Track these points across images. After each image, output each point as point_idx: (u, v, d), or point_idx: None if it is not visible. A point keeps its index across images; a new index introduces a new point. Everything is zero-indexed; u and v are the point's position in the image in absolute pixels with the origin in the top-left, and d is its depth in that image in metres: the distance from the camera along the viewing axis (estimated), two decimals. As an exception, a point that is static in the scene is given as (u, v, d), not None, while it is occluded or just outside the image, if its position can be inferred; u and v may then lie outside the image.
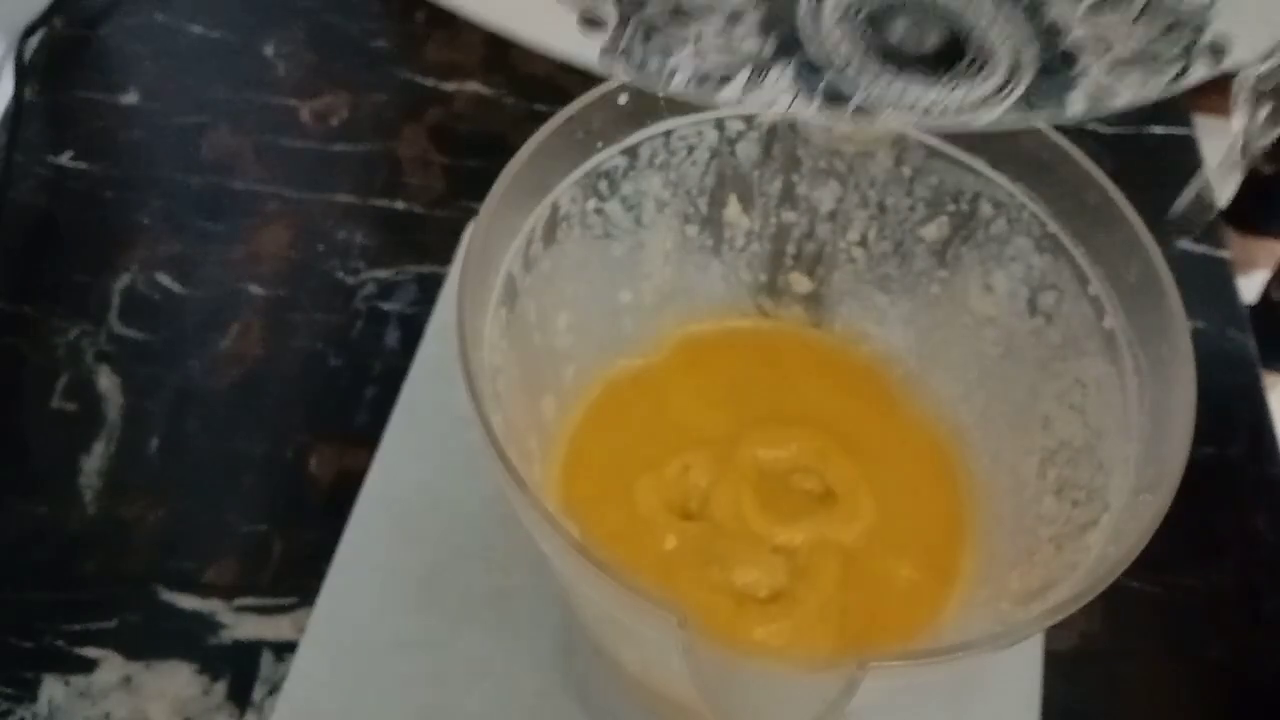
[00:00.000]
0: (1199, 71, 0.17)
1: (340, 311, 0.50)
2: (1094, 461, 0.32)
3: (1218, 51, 0.17)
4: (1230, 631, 0.44)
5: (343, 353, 0.49)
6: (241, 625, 0.41)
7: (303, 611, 0.41)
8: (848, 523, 0.35)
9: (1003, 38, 0.17)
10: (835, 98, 0.16)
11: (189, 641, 0.41)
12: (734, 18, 0.16)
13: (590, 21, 0.16)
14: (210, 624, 0.41)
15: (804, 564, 0.34)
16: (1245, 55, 0.18)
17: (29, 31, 0.58)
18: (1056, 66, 0.17)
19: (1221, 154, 0.24)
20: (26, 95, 0.57)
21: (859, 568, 0.34)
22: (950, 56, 0.17)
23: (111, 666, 0.40)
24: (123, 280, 0.51)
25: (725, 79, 0.16)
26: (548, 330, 0.36)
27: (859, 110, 0.16)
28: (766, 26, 0.16)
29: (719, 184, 0.37)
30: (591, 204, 0.35)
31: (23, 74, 0.57)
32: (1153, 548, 0.27)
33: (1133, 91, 0.17)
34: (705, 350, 0.39)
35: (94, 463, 0.45)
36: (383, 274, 0.52)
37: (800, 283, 0.40)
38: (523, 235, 0.33)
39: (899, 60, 0.16)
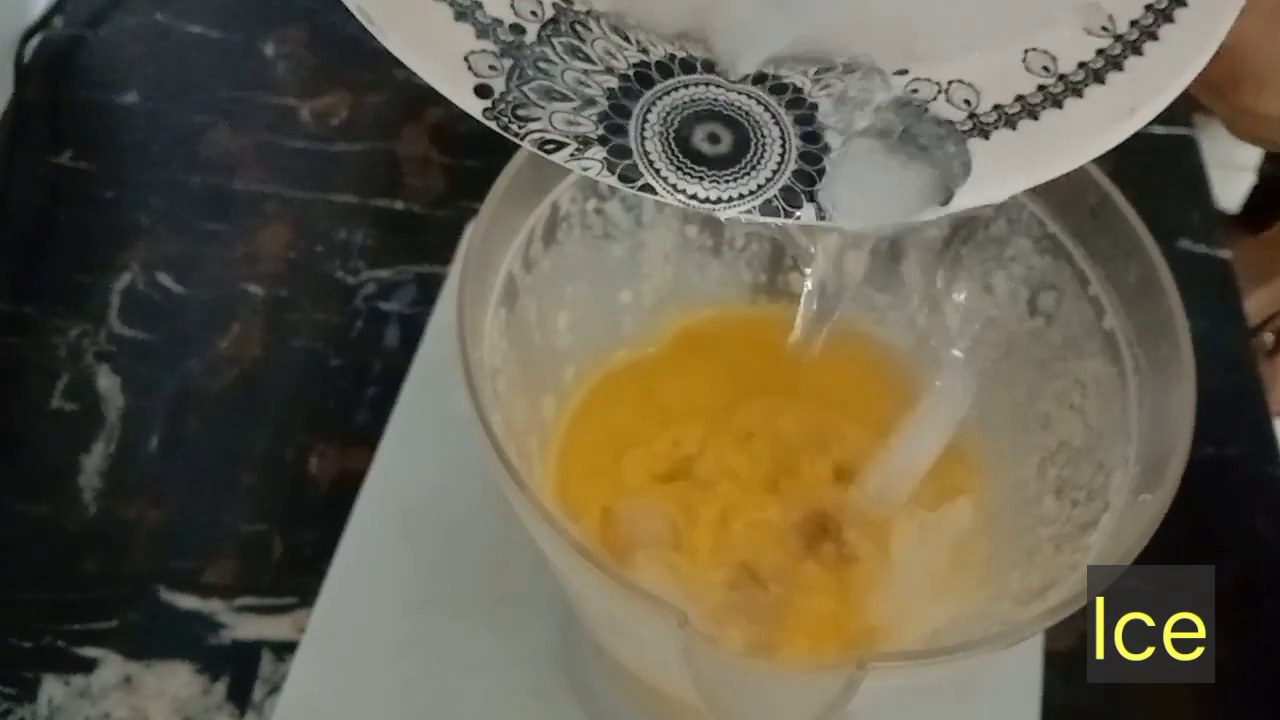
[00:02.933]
0: (926, 214, 0.22)
1: (340, 311, 0.50)
2: (1094, 461, 0.32)
3: (945, 201, 0.22)
4: (1230, 631, 0.44)
5: (343, 353, 0.49)
6: (241, 625, 0.41)
7: (303, 611, 0.41)
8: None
9: (775, 144, 0.22)
10: (627, 178, 0.22)
11: (189, 641, 0.41)
12: (583, 107, 0.22)
13: (481, 89, 0.22)
14: (210, 624, 0.41)
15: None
16: (964, 207, 0.23)
17: (29, 34, 0.58)
18: (810, 176, 0.22)
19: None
20: (26, 95, 0.57)
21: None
22: (735, 158, 0.22)
23: (111, 666, 0.40)
24: (123, 280, 0.51)
25: (559, 146, 0.22)
26: (548, 330, 0.36)
27: (643, 188, 0.22)
28: (601, 119, 0.22)
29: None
30: (591, 204, 0.35)
31: (23, 74, 0.57)
32: (1153, 548, 0.27)
33: (861, 216, 0.22)
34: (702, 337, 0.39)
35: (94, 463, 0.45)
36: (383, 274, 0.52)
37: (800, 283, 0.40)
38: (523, 235, 0.33)
39: (693, 157, 0.22)
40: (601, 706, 0.39)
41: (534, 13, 0.22)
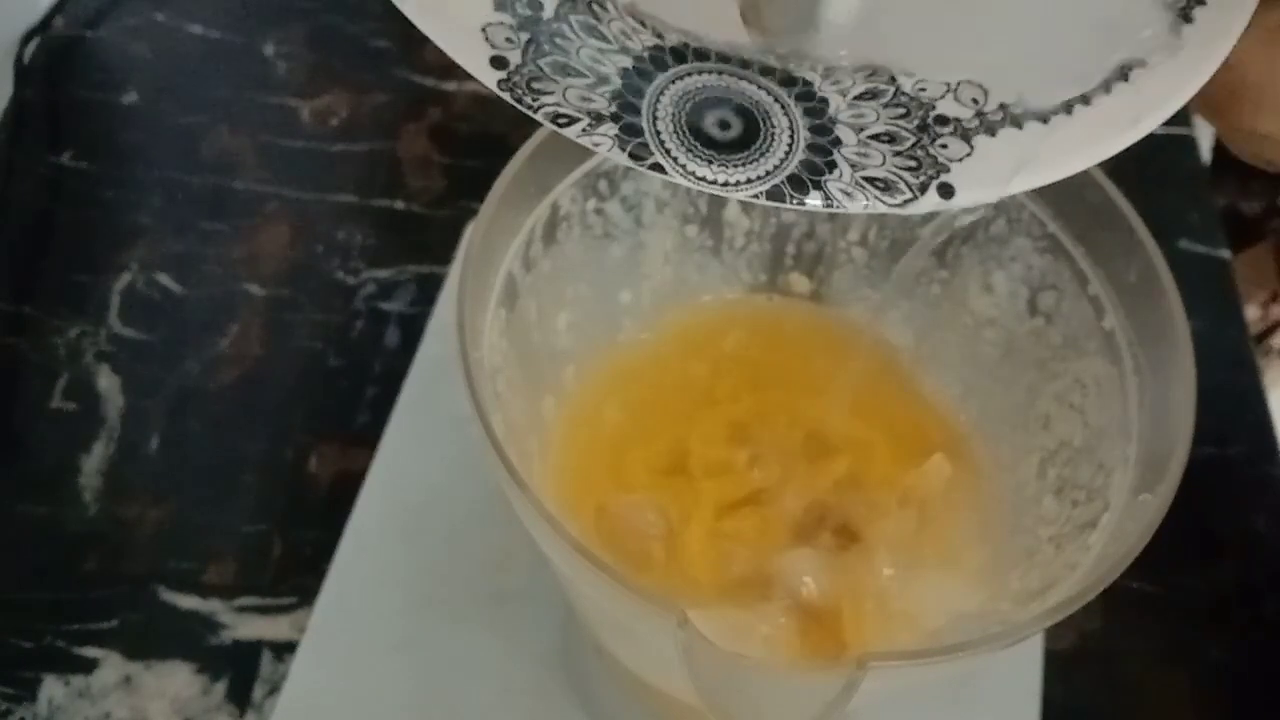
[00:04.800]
0: (925, 204, 0.23)
1: (340, 311, 0.50)
2: (1094, 461, 0.32)
3: (946, 193, 0.23)
4: (1230, 631, 0.44)
5: (343, 353, 0.49)
6: (241, 625, 0.41)
7: (303, 611, 0.41)
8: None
9: (784, 134, 0.23)
10: (637, 156, 0.22)
11: (189, 641, 0.41)
12: (596, 84, 0.22)
13: (496, 60, 0.22)
14: (210, 624, 0.41)
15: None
16: (966, 203, 0.23)
17: (30, 35, 0.58)
18: (817, 167, 0.23)
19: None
20: (26, 95, 0.57)
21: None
22: (744, 143, 0.23)
23: (111, 666, 0.40)
24: (123, 280, 0.51)
25: (571, 121, 0.22)
26: (548, 330, 0.36)
27: (653, 167, 0.22)
28: (614, 97, 0.22)
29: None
30: (591, 204, 0.35)
31: (23, 74, 0.57)
32: (1153, 548, 0.27)
33: (863, 204, 0.23)
34: (703, 337, 0.39)
35: (94, 463, 0.45)
36: (383, 274, 0.52)
37: (800, 283, 0.40)
38: (523, 235, 0.33)
39: (704, 141, 0.22)
40: (601, 706, 0.39)
41: None
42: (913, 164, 0.23)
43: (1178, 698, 0.42)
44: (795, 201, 0.22)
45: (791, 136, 0.23)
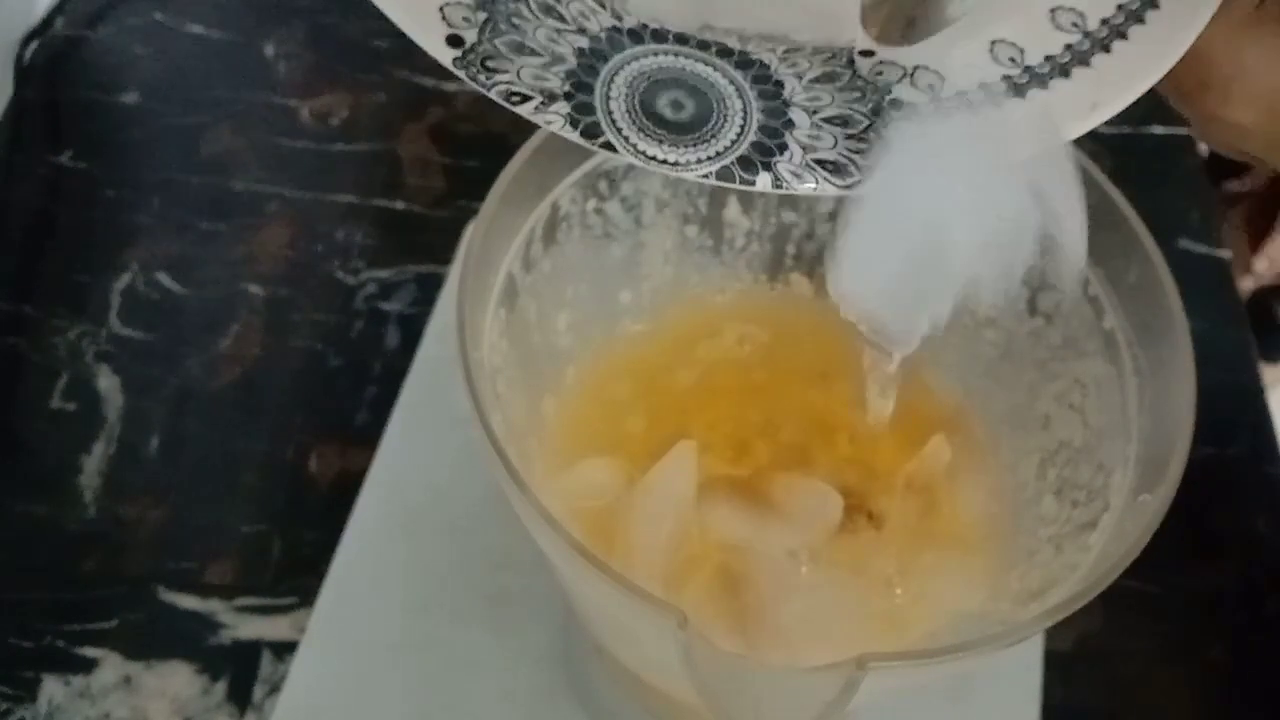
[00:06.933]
0: (883, 125, 0.23)
1: (340, 311, 0.50)
2: (1094, 461, 0.32)
3: (898, 107, 0.24)
4: (1230, 631, 0.44)
5: (343, 353, 0.49)
6: (241, 625, 0.41)
7: (303, 611, 0.41)
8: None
9: (736, 116, 0.23)
10: (589, 134, 0.22)
11: (189, 641, 0.41)
12: (551, 63, 0.23)
13: (452, 39, 0.22)
14: (210, 624, 0.41)
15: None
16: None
17: (30, 36, 0.58)
18: (768, 149, 0.23)
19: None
20: (26, 95, 0.57)
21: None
22: (697, 124, 0.23)
23: (111, 666, 0.40)
24: (123, 280, 0.51)
25: (525, 99, 0.22)
26: (548, 330, 0.36)
27: (605, 145, 0.22)
28: (569, 76, 0.23)
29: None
30: (591, 204, 0.35)
31: (23, 75, 0.57)
32: (1153, 548, 0.27)
33: (812, 186, 0.23)
34: (702, 336, 0.39)
35: (94, 463, 0.45)
36: (383, 274, 0.52)
37: (800, 283, 0.40)
38: (523, 235, 0.33)
39: (656, 121, 0.23)
40: (601, 706, 0.39)
41: None
42: (865, 147, 0.23)
43: (1178, 698, 0.42)
44: (744, 182, 0.23)
45: (744, 118, 0.23)
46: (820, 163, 0.23)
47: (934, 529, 0.35)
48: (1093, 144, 0.32)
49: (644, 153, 0.23)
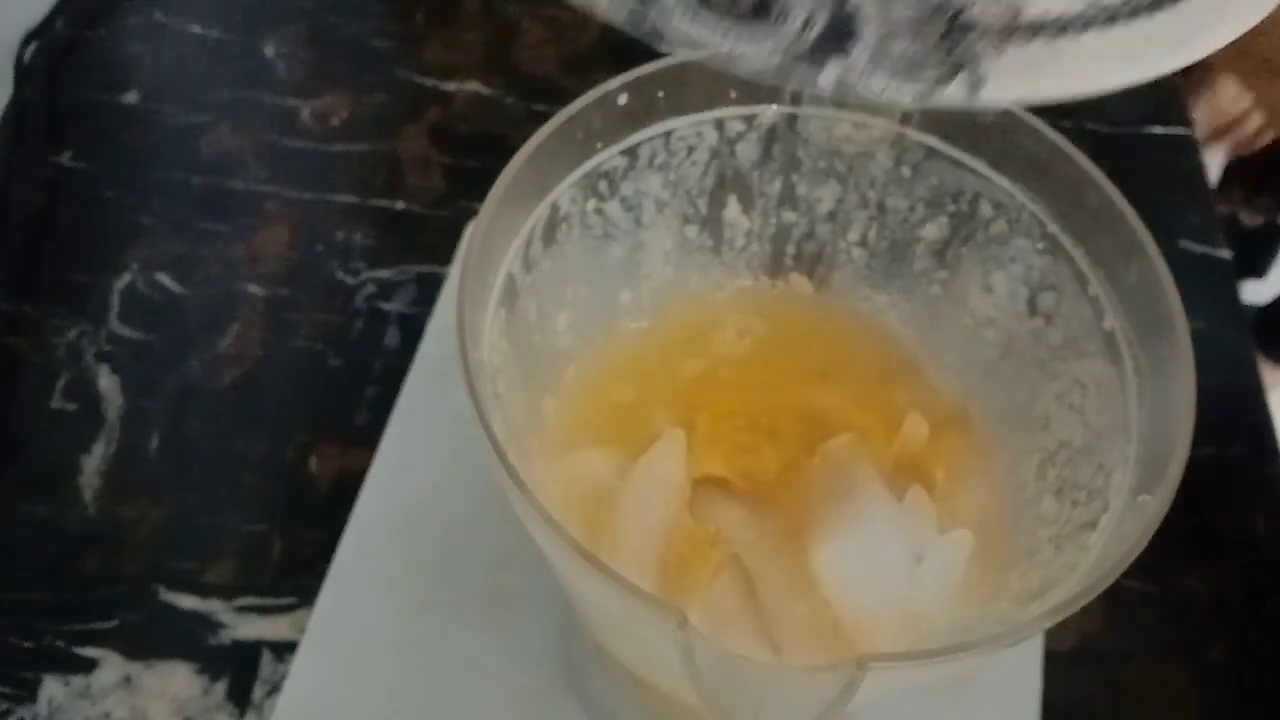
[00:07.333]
0: (950, 95, 0.21)
1: (340, 311, 0.50)
2: (1094, 462, 0.32)
3: (975, 85, 0.21)
4: (1230, 631, 0.44)
5: (343, 353, 0.49)
6: (241, 625, 0.41)
7: (303, 611, 0.41)
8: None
9: (801, 9, 0.21)
10: (636, 18, 0.21)
11: (189, 641, 0.41)
12: None
13: None
14: (210, 624, 0.41)
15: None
16: (994, 98, 0.22)
17: (30, 36, 0.58)
18: (840, 32, 0.21)
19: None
20: (26, 95, 0.57)
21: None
22: (758, 14, 0.21)
23: (111, 666, 0.40)
24: (123, 280, 0.51)
25: None
26: (548, 330, 0.36)
27: (651, 34, 0.21)
28: None
29: (719, 184, 0.37)
30: (591, 204, 0.35)
31: (22, 75, 0.57)
32: (1153, 548, 0.27)
33: (880, 86, 0.21)
34: (703, 336, 0.39)
35: (94, 463, 0.45)
36: (383, 274, 0.52)
37: (800, 283, 0.40)
38: (523, 235, 0.33)
39: (716, 9, 0.21)
40: (601, 706, 0.39)
41: None
42: (941, 54, 0.22)
43: (1178, 698, 0.42)
44: (808, 79, 0.21)
45: (810, 13, 0.22)
46: (891, 61, 0.22)
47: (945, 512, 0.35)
48: (1093, 144, 0.32)
49: (696, 41, 0.22)
